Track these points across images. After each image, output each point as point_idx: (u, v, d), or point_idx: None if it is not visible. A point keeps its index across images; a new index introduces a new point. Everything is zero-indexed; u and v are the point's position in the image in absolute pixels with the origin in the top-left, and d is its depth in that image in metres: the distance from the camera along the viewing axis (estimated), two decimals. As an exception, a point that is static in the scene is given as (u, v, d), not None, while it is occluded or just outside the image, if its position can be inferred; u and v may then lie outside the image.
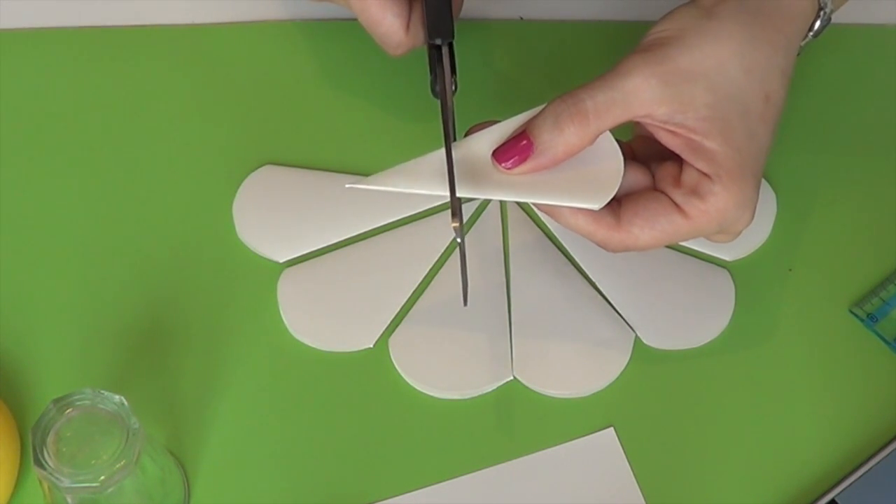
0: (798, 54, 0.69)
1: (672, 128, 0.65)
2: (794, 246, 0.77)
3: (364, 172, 0.79)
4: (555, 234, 0.78)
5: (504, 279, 0.76)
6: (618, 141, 0.67)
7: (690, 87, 0.64)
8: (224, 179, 0.79)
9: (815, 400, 0.72)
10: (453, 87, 0.72)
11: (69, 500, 0.62)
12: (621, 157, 0.66)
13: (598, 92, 0.64)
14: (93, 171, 0.80)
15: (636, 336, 0.74)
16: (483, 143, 0.67)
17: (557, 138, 0.65)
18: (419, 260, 0.77)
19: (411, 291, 0.76)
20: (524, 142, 0.65)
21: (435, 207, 0.79)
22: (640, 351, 0.74)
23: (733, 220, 0.66)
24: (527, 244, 0.77)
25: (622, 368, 0.73)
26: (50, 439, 0.61)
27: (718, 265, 0.76)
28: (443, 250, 0.77)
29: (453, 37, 0.73)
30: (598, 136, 0.65)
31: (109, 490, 0.61)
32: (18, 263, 0.77)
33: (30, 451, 0.61)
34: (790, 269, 0.76)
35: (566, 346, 0.74)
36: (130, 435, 0.61)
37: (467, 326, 0.75)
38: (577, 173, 0.66)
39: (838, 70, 0.83)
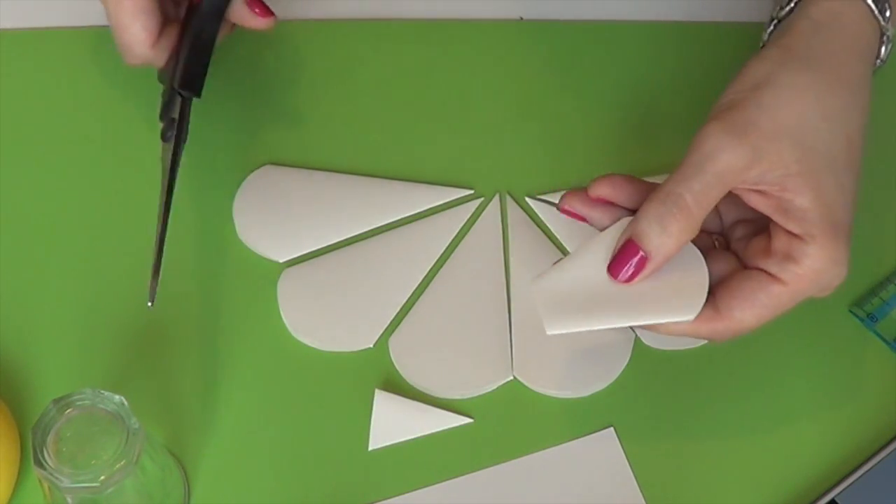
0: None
1: (763, 187, 0.64)
2: (794, 246, 0.77)
3: (364, 172, 0.80)
4: (555, 234, 0.78)
5: (504, 279, 0.76)
6: (703, 232, 0.66)
7: (777, 146, 0.63)
8: (224, 179, 0.79)
9: (815, 400, 0.72)
10: (185, 138, 0.75)
11: (69, 500, 0.62)
12: (703, 262, 0.65)
13: (693, 182, 0.63)
14: (93, 171, 0.80)
15: (636, 336, 0.74)
16: (578, 268, 0.66)
17: (668, 241, 0.64)
18: (419, 260, 0.77)
19: (411, 291, 0.76)
20: (635, 251, 0.64)
21: (435, 207, 0.79)
22: (640, 351, 0.74)
23: (831, 279, 0.65)
24: (527, 244, 0.77)
25: (622, 368, 0.73)
26: (50, 439, 0.61)
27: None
28: (443, 250, 0.77)
29: (200, 95, 0.75)
30: (700, 222, 0.64)
31: (109, 490, 0.61)
32: (18, 263, 0.77)
33: (30, 451, 0.61)
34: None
35: (566, 346, 0.74)
36: (130, 435, 0.61)
37: (467, 326, 0.75)
38: (665, 285, 0.65)
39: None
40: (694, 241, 0.65)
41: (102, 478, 0.61)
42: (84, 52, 0.84)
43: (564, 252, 0.77)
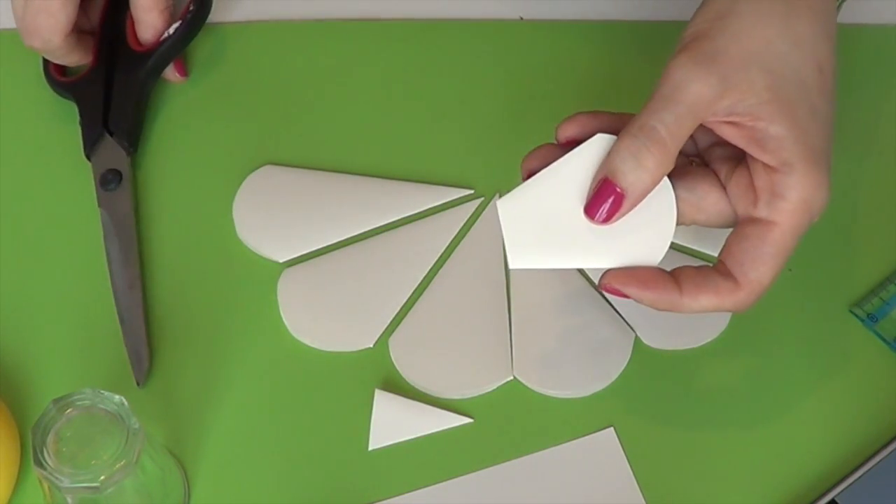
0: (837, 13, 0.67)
1: (735, 118, 0.63)
2: (794, 246, 0.77)
3: (364, 172, 0.80)
4: (555, 234, 0.78)
5: (504, 279, 0.76)
6: (683, 155, 0.66)
7: (747, 75, 0.62)
8: (224, 179, 0.79)
9: (816, 400, 0.72)
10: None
11: (69, 500, 0.62)
12: (674, 199, 0.65)
13: (664, 113, 0.62)
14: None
15: (636, 336, 0.74)
16: (546, 197, 0.65)
17: (644, 176, 0.63)
18: (419, 260, 0.77)
19: (411, 291, 0.76)
20: (612, 190, 0.63)
21: (435, 207, 0.79)
22: (640, 351, 0.74)
23: (819, 204, 0.64)
24: (527, 244, 0.77)
25: (622, 368, 0.73)
26: (50, 439, 0.61)
27: (718, 265, 0.76)
28: (443, 250, 0.77)
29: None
30: (675, 156, 0.63)
31: (109, 490, 0.61)
32: (18, 263, 0.77)
33: (30, 451, 0.61)
34: (790, 269, 0.76)
35: (566, 346, 0.74)
36: (130, 435, 0.61)
37: (467, 326, 0.75)
38: (635, 225, 0.64)
39: (838, 70, 0.83)
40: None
41: (102, 478, 0.61)
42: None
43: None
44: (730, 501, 0.70)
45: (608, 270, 0.65)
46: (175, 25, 0.80)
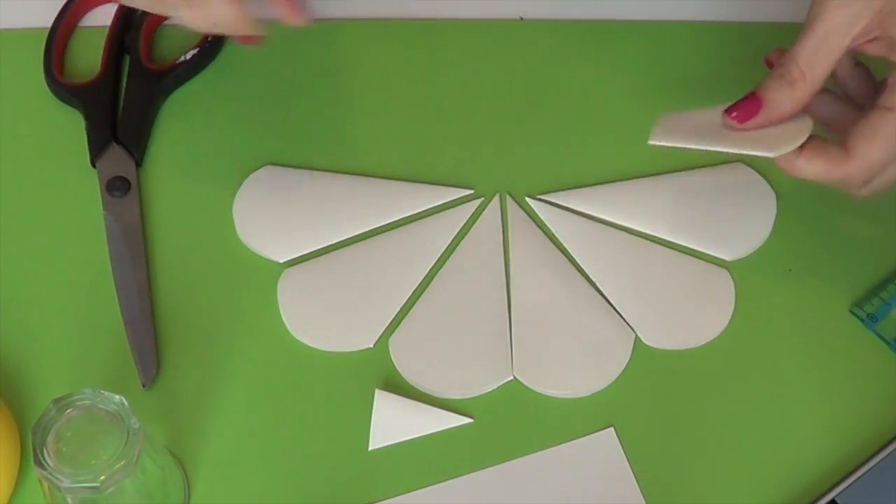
0: None
1: (873, 37, 0.68)
2: (794, 246, 0.77)
3: (364, 172, 0.80)
4: (555, 234, 0.78)
5: (504, 279, 0.76)
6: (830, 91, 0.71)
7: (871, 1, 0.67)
8: (224, 179, 0.79)
9: (815, 400, 0.72)
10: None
11: (69, 500, 0.62)
12: (810, 121, 0.69)
13: (805, 44, 0.68)
14: (93, 171, 0.80)
15: (636, 336, 0.74)
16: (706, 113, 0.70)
17: (784, 93, 0.68)
18: (419, 260, 0.77)
19: (411, 291, 0.76)
20: (754, 98, 0.69)
21: (435, 207, 0.79)
22: (640, 351, 0.74)
23: None
24: (527, 244, 0.77)
25: (622, 368, 0.73)
26: (50, 439, 0.61)
27: (718, 265, 0.76)
28: (443, 250, 0.77)
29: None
30: (818, 87, 0.68)
31: (109, 490, 0.61)
32: (19, 264, 0.77)
33: (30, 451, 0.61)
34: (790, 269, 0.76)
35: (566, 346, 0.74)
36: (130, 435, 0.61)
37: (467, 326, 0.75)
38: (769, 131, 0.69)
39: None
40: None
41: (102, 478, 0.61)
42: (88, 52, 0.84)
43: (564, 252, 0.77)
44: (730, 501, 0.70)
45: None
46: (193, 52, 0.82)
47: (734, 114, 0.69)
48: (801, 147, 0.68)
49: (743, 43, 0.84)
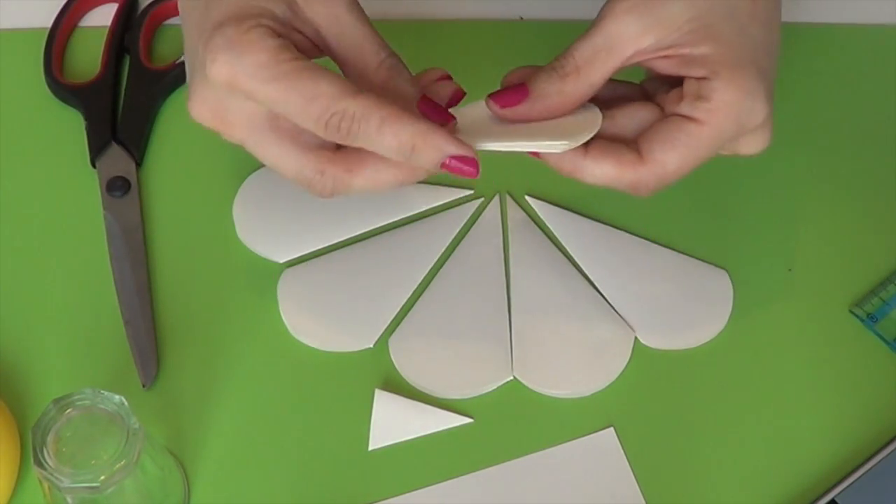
0: None
1: (663, 53, 0.65)
2: (794, 246, 0.77)
3: (364, 172, 0.80)
4: (555, 234, 0.78)
5: (504, 279, 0.76)
6: (628, 83, 0.68)
7: (668, 7, 0.64)
8: (224, 179, 0.79)
9: (816, 400, 0.72)
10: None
11: (69, 500, 0.62)
12: (599, 113, 0.66)
13: (584, 42, 0.65)
14: (93, 171, 0.80)
15: (636, 336, 0.74)
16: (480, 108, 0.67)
17: (552, 86, 0.65)
18: (419, 260, 0.77)
19: (411, 291, 0.76)
20: (520, 87, 0.66)
21: (435, 207, 0.79)
22: (640, 351, 0.74)
23: (748, 113, 0.64)
24: (527, 244, 0.77)
25: (622, 368, 0.73)
26: (50, 439, 0.61)
27: (717, 266, 0.76)
28: (443, 250, 0.77)
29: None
30: (592, 88, 0.65)
31: (109, 490, 0.61)
32: (19, 265, 0.77)
33: (30, 451, 0.61)
34: (790, 269, 0.76)
35: (566, 346, 0.74)
36: (130, 435, 0.61)
37: (467, 326, 0.75)
38: (559, 124, 0.66)
39: (838, 70, 0.83)
40: (616, 92, 0.67)
41: (102, 478, 0.61)
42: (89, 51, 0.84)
43: (565, 252, 0.77)
44: (730, 501, 0.70)
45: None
46: None
47: (497, 99, 0.66)
48: (586, 147, 0.65)
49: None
